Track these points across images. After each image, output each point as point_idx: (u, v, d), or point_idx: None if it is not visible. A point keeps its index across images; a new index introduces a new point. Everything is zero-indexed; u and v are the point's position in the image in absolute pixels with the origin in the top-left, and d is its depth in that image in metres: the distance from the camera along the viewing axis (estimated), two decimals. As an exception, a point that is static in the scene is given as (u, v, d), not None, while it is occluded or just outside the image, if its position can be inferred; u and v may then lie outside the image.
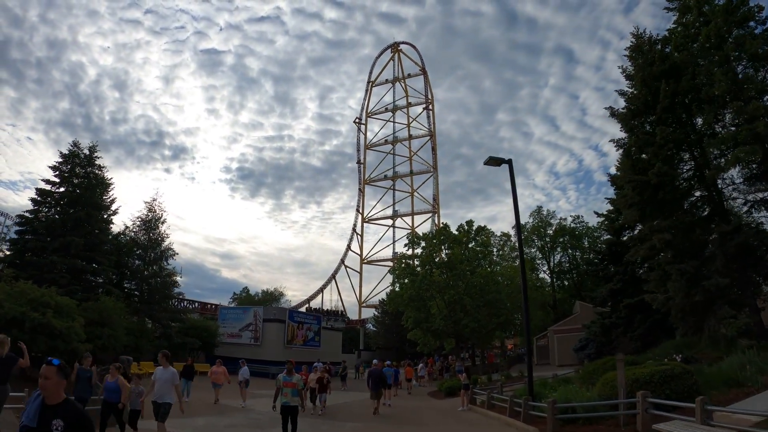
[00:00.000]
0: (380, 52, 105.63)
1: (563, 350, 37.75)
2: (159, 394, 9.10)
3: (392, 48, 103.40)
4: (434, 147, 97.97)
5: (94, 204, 29.05)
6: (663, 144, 19.39)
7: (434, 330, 41.85)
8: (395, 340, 55.57)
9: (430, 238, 44.01)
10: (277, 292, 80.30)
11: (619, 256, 32.84)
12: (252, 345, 40.67)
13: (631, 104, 21.64)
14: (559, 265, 60.01)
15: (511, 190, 16.72)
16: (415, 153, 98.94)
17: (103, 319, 23.68)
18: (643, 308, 28.68)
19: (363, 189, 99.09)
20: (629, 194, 20.67)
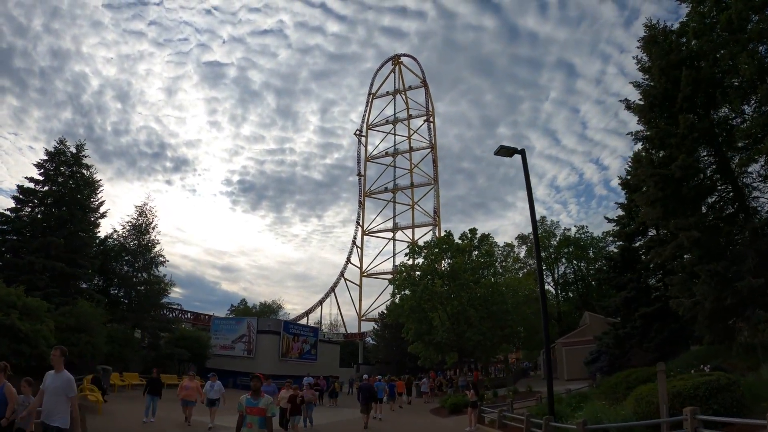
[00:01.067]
0: (381, 64, 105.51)
1: (572, 363, 35.82)
2: (47, 411, 6.12)
3: (393, 60, 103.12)
4: (435, 159, 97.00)
5: (79, 204, 27.54)
6: (686, 134, 17.91)
7: (436, 343, 39.94)
8: (395, 354, 53.57)
9: (432, 246, 42.36)
10: (276, 305, 78.50)
11: (631, 263, 31.27)
12: (245, 357, 38.75)
13: (649, 95, 20.20)
14: (564, 276, 58.43)
15: (525, 182, 15.13)
16: (415, 165, 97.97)
17: (80, 324, 21.96)
18: (660, 317, 27.03)
19: (363, 201, 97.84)
20: (651, 190, 19.11)
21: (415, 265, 44.01)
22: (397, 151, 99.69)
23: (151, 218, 35.29)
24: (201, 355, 35.81)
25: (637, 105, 20.84)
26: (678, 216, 18.14)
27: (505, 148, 15.43)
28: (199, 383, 15.78)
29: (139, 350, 30.30)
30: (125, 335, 28.18)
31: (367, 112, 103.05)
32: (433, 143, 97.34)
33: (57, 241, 24.62)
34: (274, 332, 40.73)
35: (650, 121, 19.96)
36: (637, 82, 21.83)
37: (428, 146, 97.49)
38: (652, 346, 27.11)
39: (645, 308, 27.59)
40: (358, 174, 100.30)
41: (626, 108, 21.73)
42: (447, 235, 41.82)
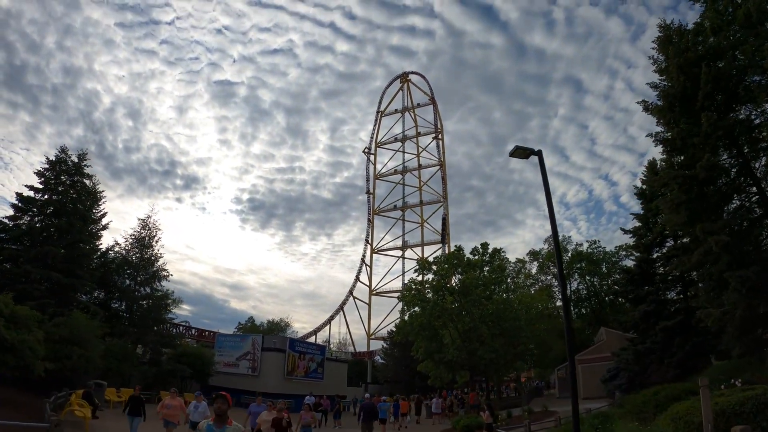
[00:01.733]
0: (389, 82, 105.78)
1: (589, 381, 34.19)
2: None
3: (401, 78, 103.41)
4: (444, 177, 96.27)
5: (79, 214, 26.98)
6: (710, 132, 16.92)
7: (447, 361, 38.45)
8: (404, 373, 51.91)
9: (442, 262, 41.15)
10: (284, 323, 77.15)
11: (649, 276, 30.02)
12: (249, 375, 37.61)
13: (668, 95, 19.29)
14: (576, 292, 56.78)
15: (543, 184, 14.14)
16: (424, 183, 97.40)
17: (73, 337, 21.08)
18: (681, 331, 25.67)
19: (372, 219, 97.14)
20: (675, 193, 18.00)
21: (424, 282, 42.77)
22: (406, 169, 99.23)
23: (154, 231, 34.68)
24: (204, 372, 34.74)
25: (656, 106, 19.92)
26: (704, 220, 17.01)
27: (520, 148, 14.47)
28: (182, 402, 14.03)
29: (139, 366, 29.32)
30: (124, 350, 27.27)
31: (376, 130, 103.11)
32: (442, 161, 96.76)
33: (55, 251, 24.03)
34: (280, 350, 39.63)
35: (670, 121, 19.00)
36: (654, 83, 20.97)
37: (437, 164, 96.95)
38: (673, 361, 25.72)
39: (665, 322, 26.25)
40: (366, 192, 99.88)
41: (644, 110, 20.84)
42: (457, 250, 40.59)
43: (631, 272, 30.57)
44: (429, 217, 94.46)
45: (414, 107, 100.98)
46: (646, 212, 30.54)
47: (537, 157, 14.44)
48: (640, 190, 31.68)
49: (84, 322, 21.97)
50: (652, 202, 30.07)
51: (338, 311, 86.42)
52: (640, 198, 31.44)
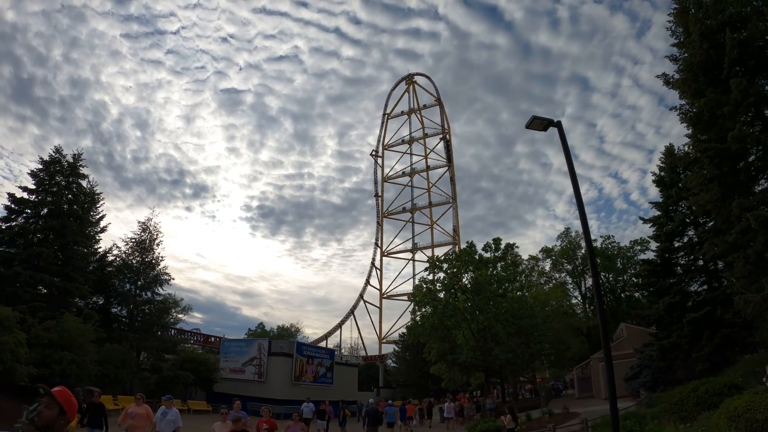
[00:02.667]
0: (395, 84, 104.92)
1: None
2: None
3: (407, 80, 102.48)
4: (453, 177, 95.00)
5: (75, 216, 26.04)
6: (740, 100, 15.45)
7: (461, 363, 36.83)
8: (417, 377, 50.48)
9: (452, 259, 39.61)
10: (294, 328, 76.02)
11: (672, 266, 28.40)
12: (255, 381, 36.37)
13: (691, 64, 17.84)
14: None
15: (565, 156, 12.75)
16: (433, 184, 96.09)
17: (63, 340, 20.00)
18: (709, 323, 24.02)
19: (381, 222, 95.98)
20: (706, 168, 16.52)
21: (435, 280, 41.19)
22: (414, 171, 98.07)
23: (155, 234, 33.66)
24: (208, 378, 33.60)
25: (678, 79, 18.45)
26: (739, 196, 15.50)
27: (538, 119, 13.05)
28: (149, 409, 11.63)
29: (139, 372, 28.22)
30: (122, 356, 26.16)
31: (383, 133, 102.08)
32: (450, 161, 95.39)
33: (47, 252, 23.06)
34: (287, 354, 38.34)
35: (695, 92, 17.52)
36: (674, 56, 19.62)
37: (445, 164, 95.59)
38: (702, 355, 24.07)
39: (693, 314, 24.59)
40: (375, 195, 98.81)
41: (665, 83, 19.46)
42: (469, 246, 38.99)
43: (652, 263, 28.88)
44: (438, 218, 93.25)
45: (420, 108, 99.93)
46: (666, 199, 28.94)
47: (559, 126, 13.15)
48: (659, 177, 30.11)
49: (75, 325, 20.89)
50: (671, 189, 28.52)
51: (349, 315, 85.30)
52: (659, 185, 29.87)
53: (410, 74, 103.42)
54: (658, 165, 30.67)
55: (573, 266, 54.87)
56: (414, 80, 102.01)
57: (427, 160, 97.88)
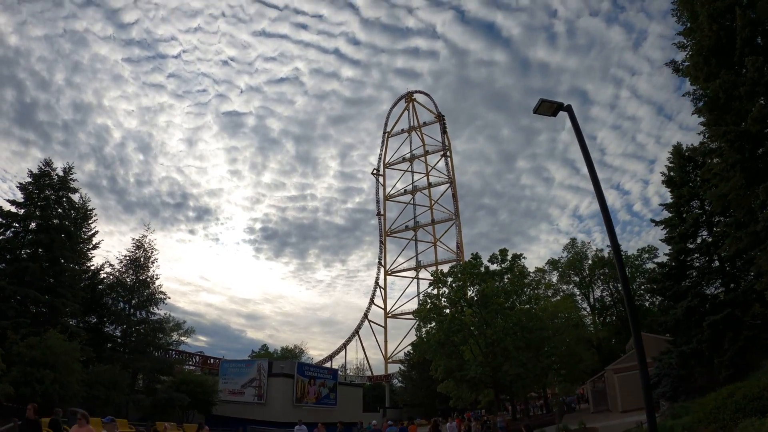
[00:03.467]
0: (394, 102, 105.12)
1: (627, 392, 30.83)
2: None
3: (406, 98, 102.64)
4: (455, 194, 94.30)
5: (64, 231, 25.12)
6: (757, 79, 14.56)
7: (469, 379, 35.19)
8: (424, 396, 48.63)
9: (457, 272, 38.18)
10: (298, 349, 74.16)
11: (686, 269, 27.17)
12: (255, 404, 34.85)
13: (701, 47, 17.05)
14: (600, 300, 53.47)
15: (579, 142, 11.87)
16: (435, 202, 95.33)
17: (47, 359, 18.80)
18: (731, 325, 22.70)
19: (384, 241, 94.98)
20: (726, 153, 15.51)
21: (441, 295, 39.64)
22: (416, 189, 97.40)
23: (150, 252, 32.62)
24: (206, 401, 32.12)
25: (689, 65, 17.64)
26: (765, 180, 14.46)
27: (547, 102, 12.17)
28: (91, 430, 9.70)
29: (132, 394, 26.86)
30: (113, 376, 24.85)
31: (383, 152, 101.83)
32: (451, 178, 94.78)
33: (33, 267, 22.06)
34: (288, 375, 36.90)
35: (708, 76, 16.67)
36: (681, 43, 18.92)
37: (447, 181, 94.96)
38: (725, 360, 22.68)
39: (712, 316, 23.26)
40: (377, 214, 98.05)
41: (674, 71, 18.71)
42: (474, 258, 37.56)
43: (667, 266, 27.61)
44: (442, 235, 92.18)
45: (420, 126, 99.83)
46: (677, 200, 27.87)
47: (569, 110, 12.30)
48: (669, 177, 29.13)
49: (59, 343, 19.70)
50: (683, 188, 27.50)
51: (354, 335, 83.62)
52: (669, 185, 28.83)
53: (409, 92, 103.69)
54: (666, 165, 29.69)
55: (580, 277, 53.50)
56: (413, 98, 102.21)
57: (429, 178, 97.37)
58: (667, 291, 27.48)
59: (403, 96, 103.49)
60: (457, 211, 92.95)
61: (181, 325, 69.88)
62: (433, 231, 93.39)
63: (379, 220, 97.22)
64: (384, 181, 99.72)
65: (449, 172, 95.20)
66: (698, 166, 28.49)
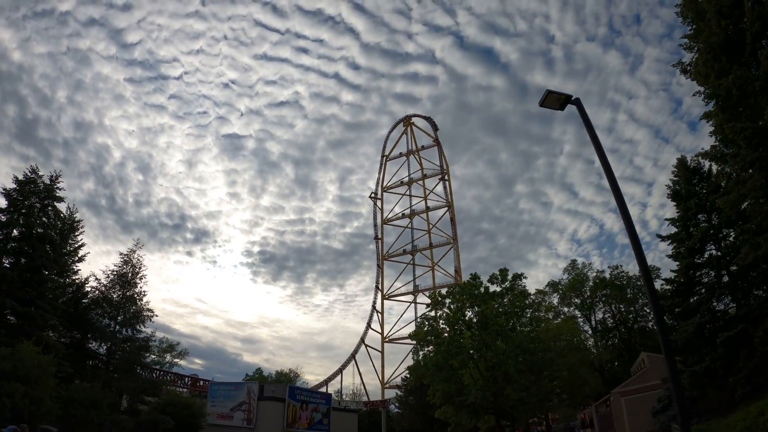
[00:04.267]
0: (393, 126, 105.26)
1: (636, 415, 29.43)
2: None
3: (404, 122, 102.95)
4: (453, 218, 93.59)
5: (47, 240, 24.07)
6: (771, 73, 13.93)
7: (468, 405, 33.32)
8: (421, 422, 46.58)
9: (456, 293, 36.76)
10: (293, 373, 71.83)
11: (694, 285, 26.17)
12: (244, 429, 33.09)
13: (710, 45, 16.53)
14: (602, 322, 52.18)
15: (589, 134, 11.13)
16: (433, 225, 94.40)
17: (17, 372, 17.47)
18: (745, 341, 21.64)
19: (381, 265, 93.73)
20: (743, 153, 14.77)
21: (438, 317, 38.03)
22: (414, 213, 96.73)
23: (138, 267, 31.42)
24: (192, 424, 30.42)
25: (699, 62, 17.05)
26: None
27: (554, 94, 11.42)
28: None
29: (113, 415, 25.28)
30: (92, 395, 23.36)
31: (382, 175, 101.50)
32: (449, 202, 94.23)
33: (10, 275, 20.91)
34: (278, 399, 35.20)
35: (720, 72, 16.07)
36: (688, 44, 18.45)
37: (445, 205, 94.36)
38: (740, 378, 21.56)
39: (726, 332, 22.18)
40: (375, 237, 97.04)
41: (682, 72, 18.17)
42: (473, 278, 36.11)
43: (675, 282, 26.61)
44: (440, 259, 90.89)
45: (419, 150, 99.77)
46: (684, 213, 27.08)
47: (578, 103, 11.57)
48: (674, 190, 28.40)
49: (32, 356, 18.37)
50: (690, 201, 26.74)
51: (350, 360, 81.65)
52: (675, 199, 28.10)
53: (408, 116, 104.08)
54: (671, 179, 29.08)
55: (581, 300, 52.26)
56: (412, 122, 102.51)
57: (427, 201, 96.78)
58: (676, 308, 26.42)
59: (402, 120, 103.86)
60: (455, 235, 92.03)
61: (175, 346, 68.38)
62: (431, 255, 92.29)
63: (376, 244, 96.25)
64: (382, 205, 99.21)
65: (447, 195, 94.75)
66: (704, 179, 27.95)
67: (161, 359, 62.49)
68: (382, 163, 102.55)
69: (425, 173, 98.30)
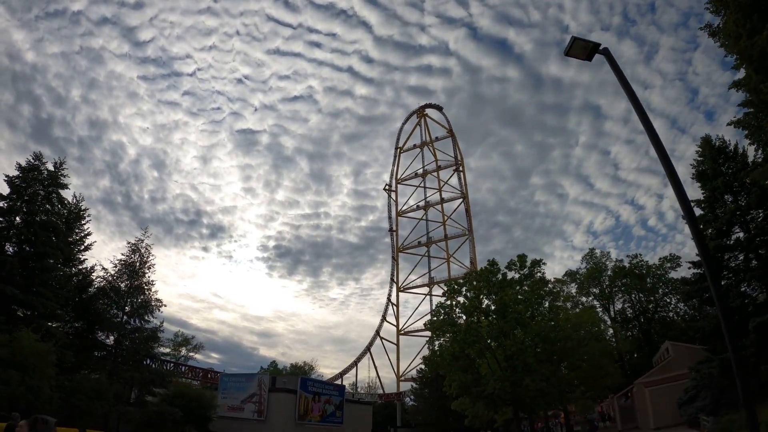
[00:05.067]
0: (406, 117, 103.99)
1: (660, 407, 28.09)
2: None
3: (418, 113, 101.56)
4: (468, 209, 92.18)
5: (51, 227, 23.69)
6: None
7: (486, 396, 32.14)
8: (437, 414, 45.59)
9: (473, 279, 35.56)
10: (308, 366, 71.40)
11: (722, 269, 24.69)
12: (255, 420, 32.53)
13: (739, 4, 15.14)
14: (622, 312, 50.57)
15: (621, 83, 9.98)
16: (448, 217, 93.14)
17: (14, 359, 17.00)
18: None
19: (396, 257, 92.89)
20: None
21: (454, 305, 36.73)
22: (429, 204, 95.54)
23: (146, 256, 30.97)
24: (202, 416, 29.99)
25: (728, 23, 15.64)
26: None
27: (580, 41, 10.23)
28: None
29: (119, 406, 24.87)
30: (97, 386, 22.91)
31: (396, 167, 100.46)
32: (464, 193, 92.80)
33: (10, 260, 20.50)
34: (290, 391, 34.50)
35: (752, 31, 14.70)
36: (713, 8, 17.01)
37: (460, 196, 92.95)
38: (773, 364, 20.17)
39: (758, 317, 20.80)
40: (389, 230, 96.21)
41: (710, 35, 16.78)
42: (491, 265, 34.63)
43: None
44: (455, 251, 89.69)
45: (432, 141, 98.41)
46: (710, 193, 25.59)
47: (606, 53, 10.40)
48: (699, 170, 26.88)
49: (29, 343, 17.89)
50: (716, 180, 25.24)
51: (365, 353, 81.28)
52: (700, 179, 26.59)
53: (421, 107, 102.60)
54: (695, 159, 27.55)
55: (600, 289, 50.71)
56: (425, 113, 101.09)
57: (441, 193, 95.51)
58: (704, 293, 24.98)
59: (415, 111, 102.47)
60: (471, 226, 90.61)
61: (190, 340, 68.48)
62: (446, 247, 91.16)
63: (391, 236, 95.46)
64: (396, 197, 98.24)
65: (462, 186, 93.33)
66: (730, 158, 26.39)
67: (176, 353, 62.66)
68: (395, 155, 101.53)
69: (440, 164, 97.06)
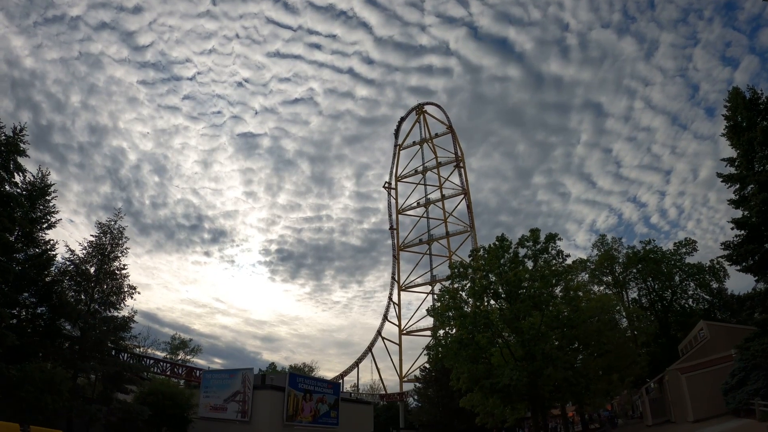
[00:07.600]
0: (405, 115, 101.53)
1: (700, 395, 24.64)
2: None
3: (416, 110, 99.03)
4: (469, 205, 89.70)
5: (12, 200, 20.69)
6: None
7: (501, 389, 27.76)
8: (442, 415, 41.92)
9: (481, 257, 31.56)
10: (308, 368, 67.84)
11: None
12: (238, 422, 29.02)
13: None
14: (637, 301, 47.59)
15: None
16: (450, 214, 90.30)
17: None
18: None
19: (398, 256, 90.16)
20: None
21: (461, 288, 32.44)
22: (429, 201, 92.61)
23: (119, 239, 27.60)
24: (178, 417, 26.57)
25: None
26: None
27: None
28: None
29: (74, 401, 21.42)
30: (50, 377, 19.50)
31: (395, 165, 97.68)
32: (465, 189, 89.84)
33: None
34: (278, 388, 30.85)
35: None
36: None
37: (461, 193, 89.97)
38: None
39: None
40: (390, 228, 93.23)
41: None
42: (501, 240, 30.57)
43: (748, 225, 21.73)
44: (457, 248, 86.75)
45: (432, 138, 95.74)
46: (747, 145, 22.28)
47: None
48: (731, 124, 23.66)
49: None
50: (753, 131, 21.99)
51: (366, 353, 78.36)
52: (733, 133, 23.34)
53: (420, 104, 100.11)
54: (724, 114, 24.36)
55: (613, 277, 47.43)
56: (424, 110, 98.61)
57: (442, 190, 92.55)
58: (751, 256, 21.55)
59: (414, 108, 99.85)
60: (473, 223, 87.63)
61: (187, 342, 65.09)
62: (448, 244, 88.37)
63: (391, 234, 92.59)
64: (396, 195, 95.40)
65: (463, 183, 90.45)
66: (761, 112, 23.25)
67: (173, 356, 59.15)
68: (395, 152, 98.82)
69: (440, 161, 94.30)
